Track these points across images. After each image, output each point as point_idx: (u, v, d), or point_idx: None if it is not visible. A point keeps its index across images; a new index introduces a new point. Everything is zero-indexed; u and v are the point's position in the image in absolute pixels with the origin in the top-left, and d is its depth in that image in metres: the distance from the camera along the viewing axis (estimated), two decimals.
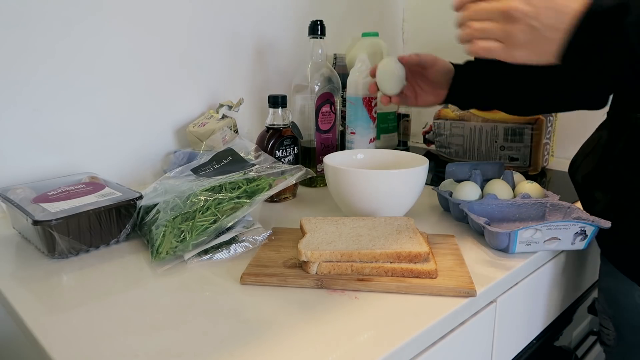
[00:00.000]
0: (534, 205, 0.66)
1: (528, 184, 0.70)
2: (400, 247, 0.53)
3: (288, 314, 0.46)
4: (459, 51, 1.10)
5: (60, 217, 0.57)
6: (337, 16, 1.23)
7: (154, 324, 0.44)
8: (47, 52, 0.76)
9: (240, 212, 0.59)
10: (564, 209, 0.64)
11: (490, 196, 0.67)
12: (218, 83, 1.00)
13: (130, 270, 0.56)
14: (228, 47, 1.00)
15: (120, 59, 0.85)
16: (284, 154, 0.82)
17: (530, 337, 0.68)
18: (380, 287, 0.50)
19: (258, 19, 1.05)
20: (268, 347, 0.41)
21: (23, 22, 0.73)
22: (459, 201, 0.68)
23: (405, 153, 0.78)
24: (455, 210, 0.69)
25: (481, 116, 1.05)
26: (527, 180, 0.72)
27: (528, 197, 0.67)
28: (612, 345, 0.68)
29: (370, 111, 0.88)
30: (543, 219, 0.66)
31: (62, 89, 0.79)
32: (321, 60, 0.88)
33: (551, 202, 0.66)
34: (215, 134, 0.87)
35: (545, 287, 0.67)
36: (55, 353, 0.40)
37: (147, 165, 0.91)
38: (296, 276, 0.52)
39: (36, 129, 0.77)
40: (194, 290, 0.51)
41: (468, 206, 0.65)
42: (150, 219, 0.61)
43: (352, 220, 0.61)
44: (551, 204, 0.66)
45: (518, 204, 0.66)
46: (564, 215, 0.64)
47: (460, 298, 0.49)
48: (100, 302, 0.48)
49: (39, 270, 0.56)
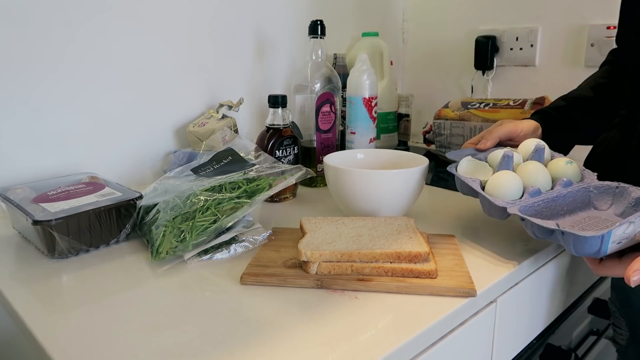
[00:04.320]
0: (578, 191, 0.59)
1: (568, 167, 0.60)
2: (400, 247, 0.53)
3: (288, 314, 0.46)
4: (459, 51, 1.12)
5: (60, 217, 0.57)
6: (337, 16, 1.23)
7: (154, 324, 0.44)
8: (47, 52, 0.76)
9: (240, 212, 0.59)
10: (612, 190, 0.57)
11: (534, 192, 0.57)
12: (218, 83, 1.00)
13: (130, 270, 0.56)
14: (228, 47, 1.00)
15: (121, 59, 0.85)
16: (284, 154, 0.82)
17: (530, 337, 0.68)
18: (380, 287, 0.50)
19: (258, 19, 1.05)
20: (268, 347, 0.41)
21: (24, 22, 0.73)
22: (504, 204, 0.56)
23: (405, 153, 0.78)
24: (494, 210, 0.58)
25: (481, 116, 1.05)
26: (563, 159, 0.62)
27: (570, 184, 0.59)
28: (625, 345, 0.68)
29: (370, 111, 0.88)
30: (589, 205, 0.59)
31: (62, 89, 0.79)
32: (321, 60, 0.88)
33: (594, 184, 0.59)
34: (215, 134, 0.87)
35: (546, 287, 0.67)
36: (55, 353, 0.40)
37: (147, 165, 0.91)
38: (296, 276, 0.52)
39: (36, 129, 0.77)
40: (193, 290, 0.51)
41: (520, 209, 0.54)
42: (150, 219, 0.61)
43: (352, 220, 0.61)
44: (595, 186, 0.58)
45: (563, 194, 0.58)
46: (614, 197, 0.57)
47: (460, 298, 0.49)
48: (100, 302, 0.48)
49: (39, 270, 0.56)
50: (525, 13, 1.20)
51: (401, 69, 1.49)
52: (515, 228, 0.67)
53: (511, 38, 1.22)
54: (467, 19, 1.30)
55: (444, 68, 1.39)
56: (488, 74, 1.28)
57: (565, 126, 0.72)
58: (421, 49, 1.44)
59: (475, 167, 0.66)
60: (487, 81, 1.29)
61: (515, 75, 1.24)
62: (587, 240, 0.47)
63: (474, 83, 1.32)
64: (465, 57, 1.31)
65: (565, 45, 1.14)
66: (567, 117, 0.72)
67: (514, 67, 1.24)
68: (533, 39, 1.18)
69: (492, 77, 1.28)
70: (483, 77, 1.30)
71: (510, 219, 0.57)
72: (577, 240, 0.48)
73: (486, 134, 0.70)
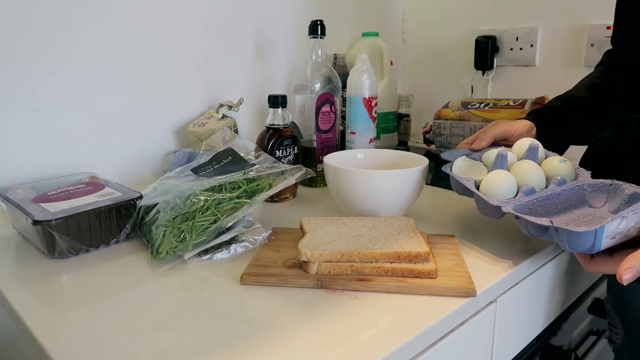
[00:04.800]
0: (572, 189, 0.59)
1: (561, 165, 0.60)
2: (400, 247, 0.53)
3: (288, 314, 0.46)
4: (459, 51, 1.12)
5: (60, 217, 0.57)
6: (337, 16, 1.23)
7: (154, 324, 0.44)
8: (47, 52, 0.76)
9: (240, 212, 0.59)
10: (606, 187, 0.57)
11: (528, 190, 0.57)
12: (218, 83, 1.00)
13: (130, 270, 0.56)
14: (228, 47, 1.00)
15: (121, 59, 0.85)
16: (284, 154, 0.82)
17: (530, 337, 0.68)
18: (380, 287, 0.50)
19: (258, 19, 1.05)
20: (268, 347, 0.41)
21: (24, 22, 0.73)
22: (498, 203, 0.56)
23: (405, 153, 0.78)
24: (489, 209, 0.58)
25: (481, 116, 1.05)
26: (557, 157, 0.62)
27: (564, 183, 0.58)
28: (621, 344, 0.68)
29: (370, 111, 0.88)
30: (584, 203, 0.59)
31: (62, 89, 0.79)
32: (321, 60, 0.88)
33: (588, 182, 0.59)
34: (215, 134, 0.87)
35: (546, 287, 0.67)
36: (55, 353, 0.40)
37: (147, 165, 0.91)
38: (296, 276, 0.52)
39: (36, 129, 0.77)
40: (194, 290, 0.51)
41: (514, 207, 0.55)
42: (150, 219, 0.61)
43: (352, 220, 0.61)
44: (589, 184, 0.59)
45: (557, 192, 0.58)
46: (608, 194, 0.57)
47: (460, 298, 0.49)
48: (100, 302, 0.48)
49: (39, 270, 0.56)
50: (525, 13, 1.20)
51: (401, 69, 1.49)
52: (515, 228, 0.67)
53: (511, 38, 1.22)
54: (467, 19, 1.30)
55: (444, 68, 1.39)
56: (488, 74, 1.28)
57: (559, 126, 0.72)
58: (421, 49, 1.44)
59: (470, 167, 0.66)
60: (487, 81, 1.29)
61: (515, 75, 1.24)
62: (581, 236, 0.47)
63: (474, 83, 1.32)
64: (465, 57, 1.31)
65: (565, 45, 1.14)
66: (561, 117, 0.73)
67: (514, 67, 1.24)
68: (533, 39, 1.18)
69: (492, 77, 1.28)
70: (483, 77, 1.30)
71: (509, 219, 0.57)
72: (571, 236, 0.48)
73: (481, 134, 0.71)
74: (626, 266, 0.45)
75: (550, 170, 0.61)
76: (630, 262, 0.46)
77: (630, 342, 0.67)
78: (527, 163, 0.61)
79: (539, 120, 0.72)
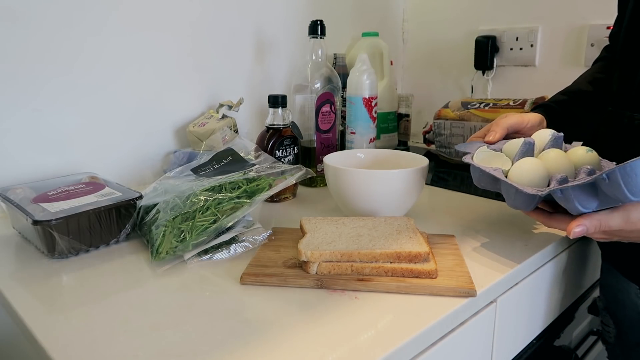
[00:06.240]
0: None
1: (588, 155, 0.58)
2: (400, 247, 0.53)
3: (288, 314, 0.46)
4: (459, 51, 1.12)
5: (60, 217, 0.57)
6: (337, 16, 1.23)
7: (154, 324, 0.44)
8: (47, 52, 0.76)
9: (240, 212, 0.59)
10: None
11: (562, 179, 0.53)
12: (218, 83, 1.00)
13: (130, 270, 0.56)
14: (228, 47, 1.00)
15: (121, 59, 0.85)
16: (284, 154, 0.82)
17: (530, 337, 0.68)
18: (380, 287, 0.50)
19: (258, 18, 1.05)
20: (268, 347, 0.41)
21: (24, 22, 0.73)
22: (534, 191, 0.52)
23: (405, 153, 0.78)
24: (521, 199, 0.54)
25: (481, 116, 1.05)
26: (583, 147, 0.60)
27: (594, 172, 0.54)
28: (613, 342, 0.69)
29: (370, 111, 0.88)
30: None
31: (62, 89, 0.79)
32: (321, 60, 0.88)
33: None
34: (215, 134, 0.87)
35: (546, 287, 0.67)
36: (55, 353, 0.40)
37: (147, 165, 0.91)
38: (296, 276, 0.52)
39: (36, 129, 0.77)
40: (193, 290, 0.51)
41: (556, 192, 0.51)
42: (150, 219, 0.61)
43: (352, 220, 0.61)
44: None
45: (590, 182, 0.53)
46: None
47: (460, 298, 0.49)
48: (100, 302, 0.48)
49: (39, 270, 0.56)
50: (525, 13, 1.20)
51: (401, 69, 1.49)
52: (515, 228, 0.67)
53: (511, 38, 1.22)
54: (467, 19, 1.30)
55: (443, 68, 1.39)
56: (488, 74, 1.28)
57: (567, 120, 0.72)
58: (421, 49, 1.44)
59: (492, 158, 0.62)
60: (487, 81, 1.29)
61: (515, 75, 1.24)
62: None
63: (474, 83, 1.32)
64: (465, 57, 1.31)
65: (565, 45, 1.14)
66: (569, 111, 0.72)
67: (514, 67, 1.24)
68: (533, 39, 1.18)
69: (492, 77, 1.28)
70: (483, 77, 1.29)
71: (510, 219, 0.57)
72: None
73: (493, 126, 0.69)
74: (578, 222, 0.49)
75: (577, 160, 0.58)
76: (583, 220, 0.49)
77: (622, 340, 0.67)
78: (554, 152, 0.58)
79: (548, 114, 0.71)
